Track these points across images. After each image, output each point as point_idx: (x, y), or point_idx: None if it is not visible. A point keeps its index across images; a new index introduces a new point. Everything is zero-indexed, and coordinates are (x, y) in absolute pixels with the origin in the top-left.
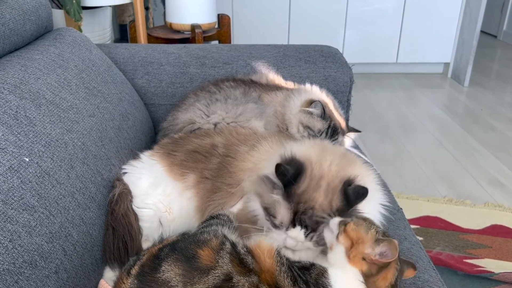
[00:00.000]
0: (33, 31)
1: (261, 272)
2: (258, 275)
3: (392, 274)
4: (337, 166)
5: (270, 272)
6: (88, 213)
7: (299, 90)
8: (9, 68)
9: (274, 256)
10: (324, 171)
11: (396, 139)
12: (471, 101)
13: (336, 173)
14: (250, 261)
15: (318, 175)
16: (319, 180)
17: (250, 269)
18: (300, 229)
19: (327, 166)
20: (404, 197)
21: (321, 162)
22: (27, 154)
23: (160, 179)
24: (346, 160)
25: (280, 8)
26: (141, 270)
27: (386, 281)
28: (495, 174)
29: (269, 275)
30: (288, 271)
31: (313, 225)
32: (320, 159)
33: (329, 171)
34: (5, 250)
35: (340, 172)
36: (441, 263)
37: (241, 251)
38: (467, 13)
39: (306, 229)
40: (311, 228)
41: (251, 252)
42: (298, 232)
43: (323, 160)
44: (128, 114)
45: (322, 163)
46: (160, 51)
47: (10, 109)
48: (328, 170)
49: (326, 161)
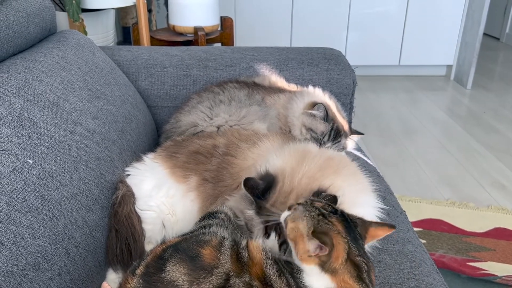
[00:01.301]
0: (37, 33)
1: (252, 266)
2: (249, 270)
3: (342, 249)
4: (309, 178)
5: (259, 265)
6: (91, 215)
7: (302, 93)
8: (13, 70)
9: (262, 250)
10: (294, 184)
11: (399, 142)
12: (474, 103)
13: (306, 185)
14: (245, 256)
15: (288, 189)
16: (288, 193)
17: (243, 264)
18: (274, 238)
19: (298, 179)
20: (407, 200)
21: (294, 175)
22: (30, 156)
23: (163, 181)
24: (324, 170)
25: (283, 10)
26: (146, 270)
27: (338, 260)
28: (498, 177)
29: (259, 268)
30: (274, 264)
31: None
32: (294, 172)
33: (299, 184)
34: (9, 252)
35: (310, 185)
36: (444, 266)
37: (241, 245)
38: (470, 16)
39: (279, 237)
40: (283, 237)
41: (247, 247)
42: (272, 242)
43: (296, 172)
44: (131, 116)
45: (294, 176)
46: (163, 54)
47: (14, 111)
48: (298, 183)
49: (299, 173)
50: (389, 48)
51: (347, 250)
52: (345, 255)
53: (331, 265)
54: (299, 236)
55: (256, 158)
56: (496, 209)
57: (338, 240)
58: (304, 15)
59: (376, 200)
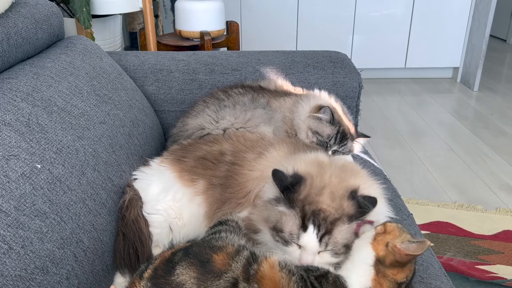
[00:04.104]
0: (45, 39)
1: (262, 280)
2: (258, 283)
3: (405, 276)
4: (338, 177)
5: (273, 282)
6: (98, 219)
7: (307, 96)
8: (22, 76)
9: (276, 265)
10: (325, 182)
11: (406, 145)
12: (481, 105)
13: (338, 184)
14: (253, 268)
15: (320, 185)
16: (321, 189)
17: (249, 275)
18: (312, 231)
19: (328, 178)
20: (414, 203)
21: (322, 175)
22: (39, 161)
23: (170, 185)
24: (346, 173)
25: (288, 14)
26: (154, 273)
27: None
28: (506, 179)
29: (272, 284)
30: (300, 281)
31: (326, 224)
32: (321, 173)
33: (329, 181)
34: (17, 256)
35: (341, 183)
36: (452, 269)
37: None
38: (476, 18)
39: (319, 229)
40: (324, 228)
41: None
42: (309, 236)
43: (323, 173)
44: (138, 121)
45: (322, 175)
46: (170, 58)
47: (23, 116)
48: (329, 181)
49: (326, 173)
50: (395, 50)
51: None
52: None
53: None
54: (393, 233)
55: (263, 169)
56: (505, 211)
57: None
58: (309, 18)
59: (387, 208)
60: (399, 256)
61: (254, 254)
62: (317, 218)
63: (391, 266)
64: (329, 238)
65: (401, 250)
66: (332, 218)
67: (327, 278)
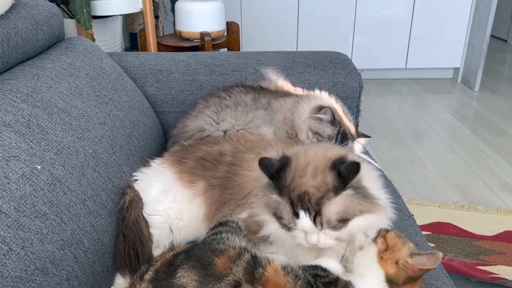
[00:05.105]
0: (45, 40)
1: (267, 284)
2: (263, 286)
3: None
4: (324, 151)
5: (278, 286)
6: (99, 220)
7: (308, 97)
8: (22, 77)
9: (281, 269)
10: (309, 157)
11: (406, 145)
12: (481, 106)
13: (322, 156)
14: (258, 272)
15: (304, 163)
16: (305, 167)
17: (255, 278)
18: (304, 216)
19: (313, 153)
20: (415, 203)
21: (308, 151)
22: (39, 162)
23: (170, 186)
24: (335, 147)
25: (289, 15)
26: (155, 276)
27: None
28: (507, 180)
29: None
30: (307, 286)
31: (313, 206)
32: (307, 150)
33: (314, 156)
34: (17, 257)
35: (325, 154)
36: (453, 270)
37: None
38: (477, 18)
39: (309, 212)
40: (314, 211)
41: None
42: (304, 221)
43: (309, 148)
44: (138, 122)
45: (308, 151)
46: (170, 59)
47: (23, 117)
48: (314, 155)
49: (312, 149)
50: (396, 51)
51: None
52: None
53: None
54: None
55: None
56: (506, 212)
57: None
58: (310, 19)
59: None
60: (412, 272)
61: (257, 257)
62: (303, 202)
63: (404, 283)
64: (321, 218)
65: (414, 266)
66: (316, 198)
67: (336, 285)
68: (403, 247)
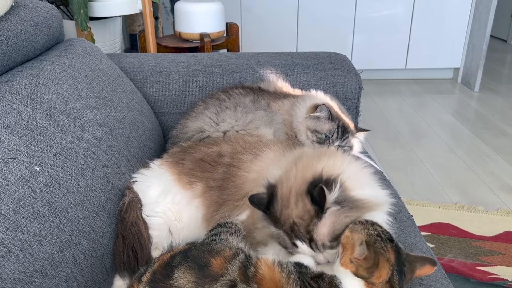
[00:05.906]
0: (44, 42)
1: (263, 281)
2: (258, 284)
3: (386, 273)
4: (303, 171)
5: (273, 282)
6: (98, 222)
7: (303, 97)
8: (21, 78)
9: (276, 266)
10: (291, 183)
11: (406, 146)
12: (481, 106)
13: (301, 179)
14: (250, 271)
15: (287, 191)
16: (288, 195)
17: (248, 277)
18: (301, 244)
19: (293, 177)
20: (414, 204)
21: (289, 174)
22: (38, 164)
23: (169, 188)
24: (316, 158)
25: (288, 15)
26: (153, 277)
27: (379, 279)
28: (507, 180)
29: (273, 284)
30: (298, 280)
31: (305, 235)
32: (289, 173)
33: (295, 181)
34: (16, 259)
35: (304, 177)
36: (453, 270)
37: (252, 261)
38: (477, 18)
39: (304, 241)
40: (307, 239)
41: (255, 262)
42: (303, 248)
43: (291, 171)
44: (138, 123)
45: (289, 175)
46: (169, 60)
47: (22, 119)
48: (294, 180)
49: (293, 171)
50: (396, 51)
51: (389, 275)
52: (386, 278)
53: (371, 279)
54: (350, 243)
55: (259, 170)
56: (506, 212)
57: (385, 263)
58: (310, 19)
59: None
60: (365, 263)
61: (249, 257)
62: (295, 232)
63: (369, 273)
64: (316, 243)
65: (359, 258)
66: (304, 227)
67: (323, 278)
68: (356, 241)
